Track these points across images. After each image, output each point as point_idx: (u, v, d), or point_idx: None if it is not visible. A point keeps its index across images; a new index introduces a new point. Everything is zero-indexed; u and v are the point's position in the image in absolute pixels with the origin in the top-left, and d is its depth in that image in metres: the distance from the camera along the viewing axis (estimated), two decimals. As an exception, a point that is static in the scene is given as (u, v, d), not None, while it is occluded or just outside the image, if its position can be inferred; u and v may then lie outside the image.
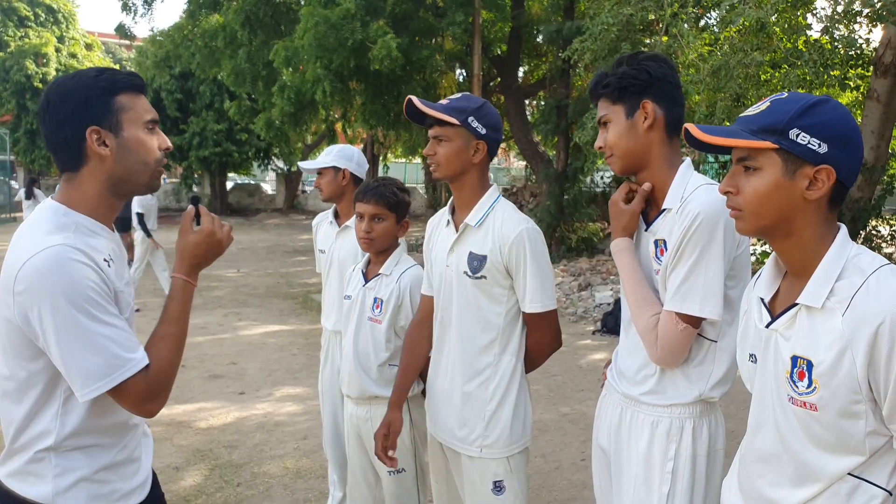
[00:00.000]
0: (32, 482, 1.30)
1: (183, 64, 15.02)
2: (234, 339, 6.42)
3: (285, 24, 12.33)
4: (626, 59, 1.54)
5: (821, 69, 6.19)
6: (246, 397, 4.75)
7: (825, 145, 1.09)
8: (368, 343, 2.14)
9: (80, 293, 1.20)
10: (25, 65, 20.54)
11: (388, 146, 20.52)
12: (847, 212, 7.71)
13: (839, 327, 1.07)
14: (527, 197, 14.62)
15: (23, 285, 1.20)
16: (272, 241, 14.68)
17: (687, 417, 1.52)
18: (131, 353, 1.25)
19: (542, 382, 5.15)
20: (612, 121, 1.55)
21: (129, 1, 13.31)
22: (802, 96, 1.14)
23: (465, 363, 1.83)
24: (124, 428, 1.40)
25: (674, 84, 1.53)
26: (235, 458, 3.70)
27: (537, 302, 1.76)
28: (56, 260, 1.20)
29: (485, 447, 1.81)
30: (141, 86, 1.36)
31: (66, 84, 1.30)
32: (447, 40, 11.69)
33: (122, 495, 1.38)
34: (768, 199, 1.13)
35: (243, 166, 22.33)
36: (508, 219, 1.79)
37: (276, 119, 11.73)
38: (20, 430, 1.30)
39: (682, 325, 1.45)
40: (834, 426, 1.11)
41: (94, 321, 1.21)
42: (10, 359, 1.28)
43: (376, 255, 2.19)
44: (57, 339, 1.20)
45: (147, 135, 1.34)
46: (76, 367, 1.22)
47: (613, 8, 7.08)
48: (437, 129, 1.78)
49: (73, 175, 1.32)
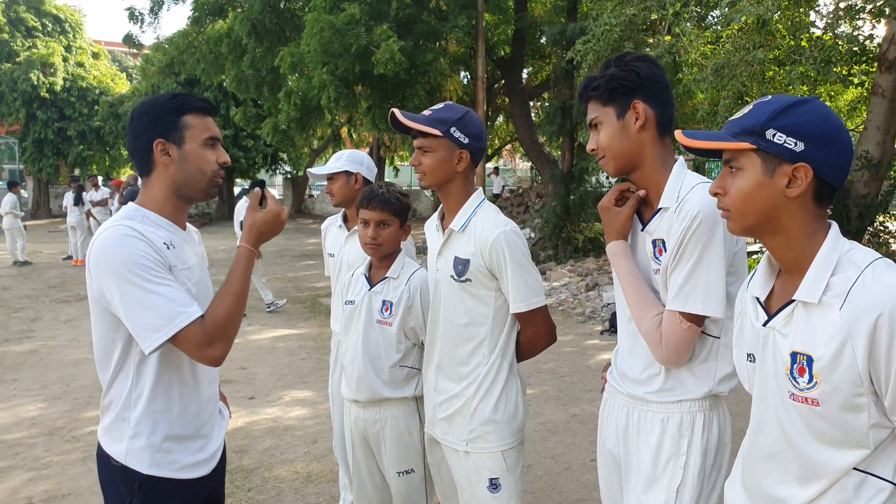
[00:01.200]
0: (115, 438, 1.53)
1: (188, 71, 15.10)
2: (243, 343, 6.47)
3: (290, 30, 12.41)
4: (614, 61, 1.55)
5: (823, 66, 6.17)
6: (255, 402, 4.79)
7: (801, 144, 1.12)
8: (380, 346, 2.16)
9: (135, 261, 1.42)
10: (33, 75, 20.74)
11: (394, 150, 20.56)
12: (854, 208, 7.68)
13: (838, 321, 1.08)
14: (533, 198, 14.62)
15: (93, 260, 1.46)
16: (280, 246, 14.75)
17: (697, 411, 1.53)
18: (185, 308, 1.44)
19: (551, 383, 5.16)
20: (603, 123, 1.55)
21: (136, 10, 13.40)
22: (784, 99, 1.16)
23: (453, 363, 1.89)
24: (194, 401, 1.59)
25: (663, 83, 1.54)
26: (246, 463, 3.73)
27: (521, 301, 1.80)
28: (114, 236, 1.46)
29: (471, 441, 1.86)
30: (207, 108, 1.59)
31: (146, 103, 1.57)
32: (451, 43, 11.73)
33: (182, 466, 1.56)
34: (751, 198, 1.16)
35: (250, 171, 22.44)
36: (488, 222, 1.83)
37: (283, 124, 11.79)
38: (107, 392, 1.55)
39: (686, 325, 1.46)
40: (836, 420, 1.11)
41: (149, 283, 1.42)
42: (97, 328, 1.53)
43: (380, 260, 2.23)
44: (122, 301, 1.42)
45: (206, 149, 1.57)
46: (138, 323, 1.42)
47: (616, 8, 7.09)
48: (422, 140, 1.84)
49: (146, 179, 1.58)
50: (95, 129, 22.06)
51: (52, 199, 23.92)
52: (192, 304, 1.46)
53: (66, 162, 22.48)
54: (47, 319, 7.52)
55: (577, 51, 7.55)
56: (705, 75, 6.21)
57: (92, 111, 22.12)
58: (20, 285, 9.80)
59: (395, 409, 2.15)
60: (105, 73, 23.51)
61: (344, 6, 9.74)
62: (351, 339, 2.23)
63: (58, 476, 3.58)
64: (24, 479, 3.54)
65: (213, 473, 1.65)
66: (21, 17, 21.90)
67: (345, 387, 2.27)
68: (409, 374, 2.17)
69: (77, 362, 5.80)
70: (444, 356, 1.92)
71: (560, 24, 10.85)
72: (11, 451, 3.90)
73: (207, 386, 1.66)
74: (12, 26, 21.68)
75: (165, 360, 1.52)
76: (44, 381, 5.24)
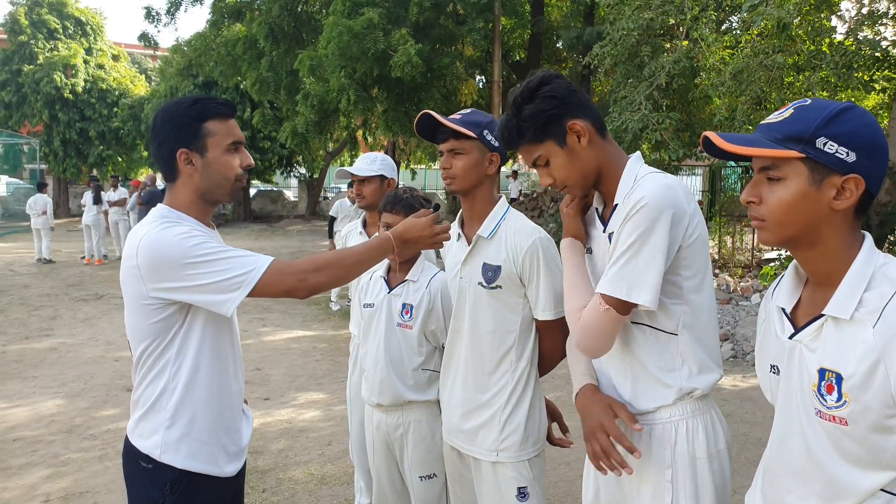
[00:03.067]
0: (148, 433, 1.53)
1: (206, 73, 15.27)
2: (258, 344, 6.51)
3: (307, 33, 12.51)
4: (521, 99, 1.48)
5: (844, 71, 6.11)
6: (270, 403, 4.82)
7: (853, 154, 1.06)
8: (401, 348, 2.15)
9: (188, 242, 1.45)
10: (55, 76, 21.08)
11: (410, 153, 20.64)
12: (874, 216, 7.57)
13: (870, 339, 1.03)
14: (547, 202, 14.58)
15: (145, 262, 1.46)
16: (295, 248, 14.84)
17: (679, 419, 1.44)
18: (251, 264, 1.48)
19: (565, 389, 5.14)
20: (550, 157, 1.49)
21: (153, 10, 13.57)
22: (828, 103, 1.10)
23: (481, 372, 1.85)
24: (227, 394, 1.61)
25: (573, 89, 1.49)
26: (261, 464, 3.75)
27: (550, 310, 1.78)
28: (159, 233, 1.48)
29: (501, 451, 1.83)
30: (228, 112, 1.59)
31: (167, 110, 1.58)
32: (467, 47, 11.75)
33: (216, 460, 1.58)
34: (794, 209, 1.09)
35: (266, 174, 22.63)
36: (521, 228, 1.81)
37: (301, 127, 11.87)
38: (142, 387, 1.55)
39: (604, 307, 1.38)
40: (865, 441, 1.06)
41: (212, 254, 1.46)
42: (137, 325, 1.52)
43: (399, 263, 2.22)
44: (188, 283, 1.44)
45: (229, 155, 1.58)
46: (213, 290, 1.45)
47: (634, 13, 7.06)
48: (454, 143, 1.82)
49: (172, 185, 1.61)
50: (114, 130, 22.38)
51: (71, 198, 24.29)
52: (257, 256, 1.50)
53: (85, 162, 22.82)
54: (66, 318, 7.63)
55: (594, 55, 7.53)
56: (723, 80, 6.17)
57: (111, 112, 22.46)
58: (40, 283, 9.94)
59: (419, 413, 2.15)
60: (124, 75, 23.85)
61: (362, 10, 9.81)
62: (371, 343, 2.22)
63: (75, 473, 3.62)
64: (43, 476, 3.59)
65: (238, 475, 1.67)
66: (43, 20, 22.27)
67: (366, 391, 2.25)
68: (432, 377, 2.16)
69: (95, 360, 5.87)
70: (469, 365, 1.88)
71: (576, 29, 10.85)
72: (31, 448, 3.95)
73: (237, 380, 1.68)
74: (34, 28, 22.05)
75: (203, 349, 1.55)
76: (63, 379, 5.31)
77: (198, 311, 1.53)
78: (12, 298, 8.74)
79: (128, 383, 5.19)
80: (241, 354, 1.72)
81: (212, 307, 1.48)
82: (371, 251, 1.63)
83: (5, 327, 7.10)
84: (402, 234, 1.68)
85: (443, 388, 2.00)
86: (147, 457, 1.53)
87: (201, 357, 1.55)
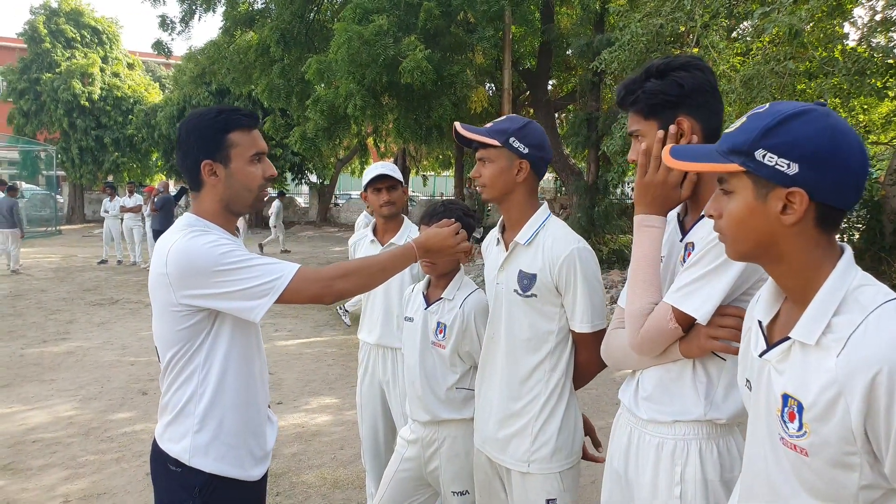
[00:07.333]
0: (177, 437, 1.56)
1: (219, 81, 15.42)
2: (270, 349, 6.57)
3: (318, 40, 12.62)
4: (656, 70, 1.42)
5: (857, 78, 6.09)
6: (283, 407, 4.86)
7: (795, 165, 0.97)
8: (436, 367, 2.13)
9: (217, 251, 1.48)
10: (73, 84, 21.41)
11: (420, 160, 20.71)
12: (889, 223, 7.53)
13: (833, 369, 0.95)
14: (557, 209, 14.61)
15: (175, 271, 1.48)
16: (306, 254, 14.92)
17: (692, 438, 1.42)
18: (279, 271, 1.50)
19: (578, 395, 5.14)
20: (646, 137, 1.45)
21: (167, 18, 13.74)
22: (780, 109, 1.01)
23: (515, 380, 1.83)
24: (254, 398, 1.65)
25: (710, 91, 1.42)
26: (274, 468, 3.78)
27: (587, 322, 1.75)
28: (187, 242, 1.50)
29: (532, 462, 1.80)
30: (252, 123, 1.61)
31: (192, 121, 1.61)
32: (478, 55, 11.81)
33: (244, 463, 1.61)
34: (744, 224, 1.04)
35: (277, 180, 22.80)
36: (560, 238, 1.78)
37: (310, 133, 11.96)
38: (171, 392, 1.58)
39: (674, 324, 1.37)
40: (824, 475, 0.99)
41: (241, 262, 1.49)
42: (166, 331, 1.55)
43: (437, 278, 2.18)
44: (218, 290, 1.47)
45: (252, 165, 1.61)
46: (242, 297, 1.48)
47: (643, 19, 7.08)
48: (482, 152, 1.82)
49: (196, 194, 1.64)
50: (129, 138, 22.68)
51: (86, 204, 24.60)
52: (283, 264, 1.53)
53: (101, 169, 23.13)
54: (82, 322, 7.73)
55: (602, 59, 7.55)
56: (734, 87, 6.17)
57: (126, 120, 22.76)
58: (56, 288, 10.08)
59: (455, 430, 2.12)
60: (139, 83, 24.16)
61: (373, 17, 9.89)
62: (410, 359, 2.20)
63: (93, 475, 3.68)
64: (61, 478, 3.65)
65: (263, 478, 1.70)
66: (61, 29, 22.63)
67: (408, 407, 2.24)
68: (468, 396, 2.11)
69: (111, 364, 5.95)
70: (504, 372, 1.85)
71: (587, 37, 10.87)
72: (49, 450, 4.02)
73: (263, 385, 1.71)
74: (53, 37, 22.42)
75: (231, 355, 1.58)
76: (79, 382, 5.39)
77: (225, 318, 1.56)
78: (30, 302, 8.87)
79: (143, 387, 5.26)
80: (265, 360, 1.75)
81: (240, 314, 1.51)
82: (395, 259, 1.66)
83: (23, 331, 7.22)
84: (424, 242, 1.71)
85: (478, 396, 1.97)
86: (176, 461, 1.55)
87: (229, 362, 1.58)
